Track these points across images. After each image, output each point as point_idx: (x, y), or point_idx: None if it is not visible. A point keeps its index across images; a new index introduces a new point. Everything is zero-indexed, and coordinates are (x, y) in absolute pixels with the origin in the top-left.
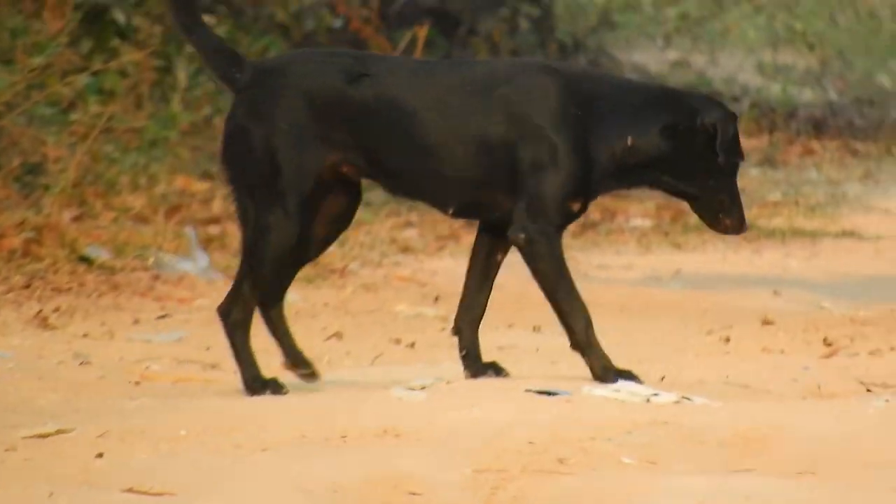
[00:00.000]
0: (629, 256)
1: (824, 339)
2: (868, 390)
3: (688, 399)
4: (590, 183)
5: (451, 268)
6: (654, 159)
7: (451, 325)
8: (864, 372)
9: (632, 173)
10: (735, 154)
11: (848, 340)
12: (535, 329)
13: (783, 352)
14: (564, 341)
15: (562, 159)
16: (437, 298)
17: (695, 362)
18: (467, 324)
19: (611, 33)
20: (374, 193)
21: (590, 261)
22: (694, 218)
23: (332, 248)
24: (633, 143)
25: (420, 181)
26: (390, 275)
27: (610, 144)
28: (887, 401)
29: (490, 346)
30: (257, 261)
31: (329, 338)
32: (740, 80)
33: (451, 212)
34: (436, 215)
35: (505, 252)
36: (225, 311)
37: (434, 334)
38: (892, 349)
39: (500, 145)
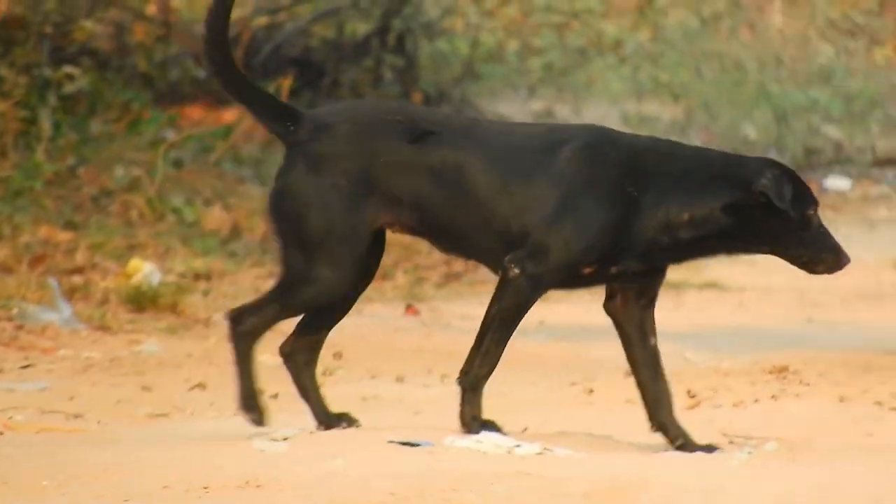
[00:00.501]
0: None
1: (688, 391)
2: (731, 442)
3: (550, 450)
4: (619, 255)
5: None
6: (717, 234)
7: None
8: (726, 424)
9: (697, 245)
10: (801, 206)
11: (711, 392)
12: (398, 379)
13: None
14: (427, 392)
15: (587, 225)
16: None
17: (558, 413)
18: (665, 416)
19: (475, 84)
20: (238, 244)
21: (453, 311)
22: None
23: (196, 298)
24: (689, 219)
25: (475, 241)
26: None
27: (662, 221)
28: (750, 453)
29: (353, 396)
30: (294, 305)
31: (193, 388)
32: None
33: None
34: None
35: (654, 331)
36: (237, 317)
37: None
38: (755, 401)
39: (543, 202)
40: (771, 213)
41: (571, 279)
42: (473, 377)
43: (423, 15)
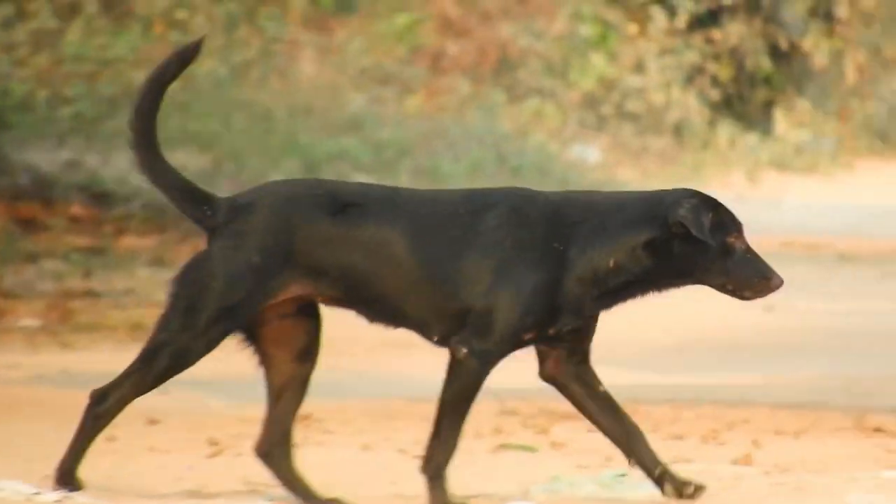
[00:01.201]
0: (15, 356)
1: (210, 439)
2: (253, 490)
3: (71, 497)
4: (555, 314)
5: None
6: (642, 274)
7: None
8: (249, 470)
9: (626, 289)
10: (722, 233)
11: (234, 439)
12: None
13: (168, 451)
14: None
15: (524, 290)
16: None
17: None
18: (640, 453)
19: (6, 133)
20: None
21: None
22: (85, 317)
23: None
24: (614, 265)
25: (403, 310)
26: None
27: (589, 272)
28: (272, 500)
29: None
30: (152, 372)
31: None
32: (133, 181)
33: (435, 339)
34: None
35: (598, 380)
36: (100, 397)
37: None
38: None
39: (479, 275)
40: (691, 245)
41: (515, 347)
42: (436, 465)
43: None
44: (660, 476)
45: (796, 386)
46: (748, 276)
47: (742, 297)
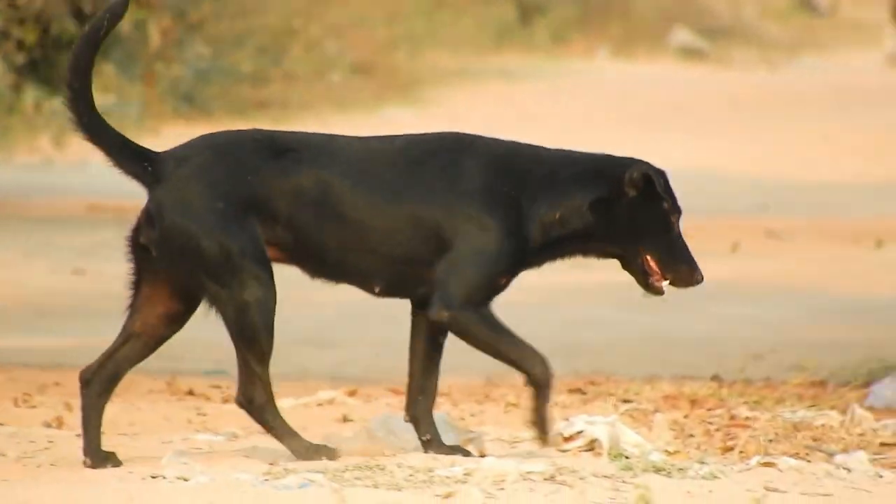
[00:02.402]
0: None
1: None
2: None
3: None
4: (522, 259)
5: None
6: (584, 231)
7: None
8: None
9: (564, 244)
10: (673, 208)
11: None
12: None
13: None
14: None
15: (493, 238)
16: None
17: None
18: (423, 412)
19: None
20: None
21: None
22: None
23: None
24: (560, 219)
25: (346, 260)
26: None
27: (537, 221)
28: None
29: None
30: (252, 337)
31: None
32: None
33: (377, 290)
34: None
35: (446, 332)
36: (248, 398)
37: None
38: None
39: (427, 221)
40: (638, 211)
41: (494, 293)
42: (537, 383)
43: None
44: (426, 443)
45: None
46: (679, 260)
47: (662, 281)
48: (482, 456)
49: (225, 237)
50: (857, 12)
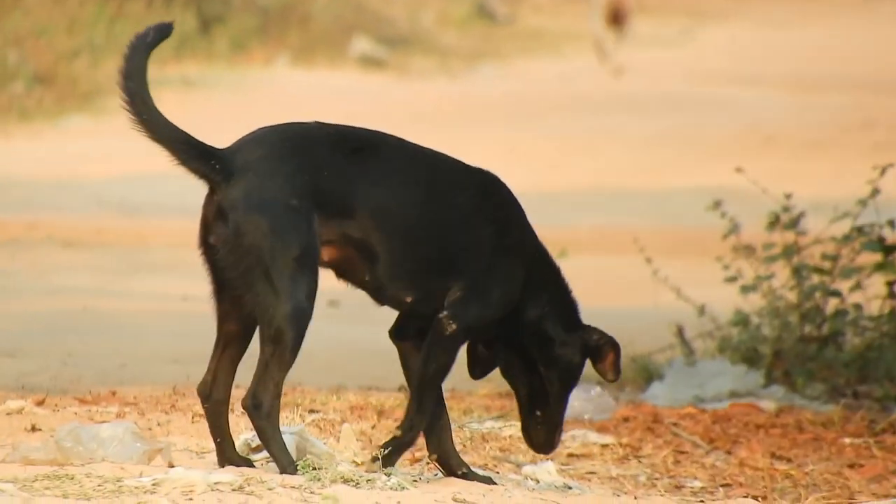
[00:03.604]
0: None
1: None
2: None
3: None
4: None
5: None
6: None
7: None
8: None
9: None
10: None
11: None
12: None
13: None
14: None
15: (514, 271)
16: None
17: None
18: (446, 450)
19: None
20: None
21: None
22: None
23: None
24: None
25: (401, 266)
26: None
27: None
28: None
29: None
30: (286, 344)
31: None
32: None
33: (409, 300)
34: None
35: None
36: (257, 403)
37: None
38: None
39: (465, 235)
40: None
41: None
42: (415, 433)
43: None
44: (464, 475)
45: None
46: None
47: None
48: (170, 466)
49: (296, 236)
50: (536, 21)
